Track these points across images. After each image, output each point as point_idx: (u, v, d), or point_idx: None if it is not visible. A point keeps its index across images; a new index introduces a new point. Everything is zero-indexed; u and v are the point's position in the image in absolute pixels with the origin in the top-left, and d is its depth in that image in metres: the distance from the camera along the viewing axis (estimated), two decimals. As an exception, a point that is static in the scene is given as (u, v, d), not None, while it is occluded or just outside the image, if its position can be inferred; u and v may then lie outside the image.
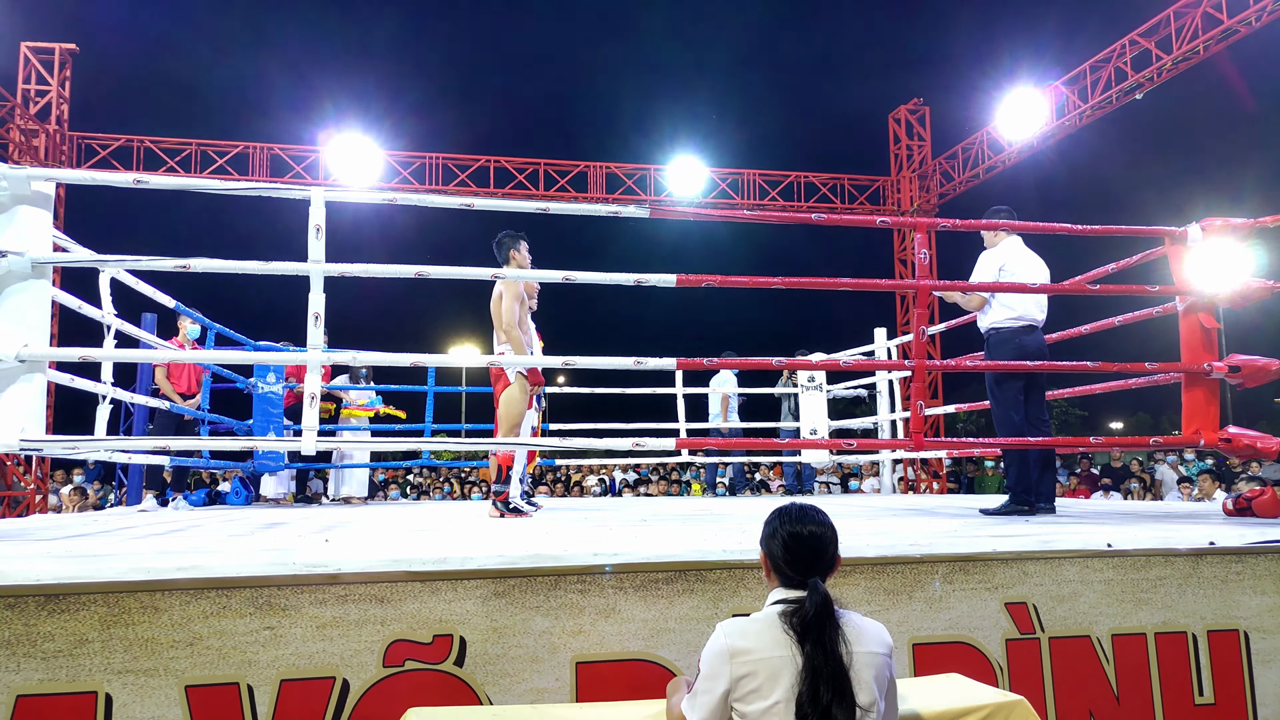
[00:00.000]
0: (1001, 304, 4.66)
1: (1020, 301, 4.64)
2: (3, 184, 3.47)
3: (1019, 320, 4.64)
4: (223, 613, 2.21)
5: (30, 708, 2.07)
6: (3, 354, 3.30)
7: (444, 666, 2.31)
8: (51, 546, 3.01)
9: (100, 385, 4.61)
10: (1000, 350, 4.66)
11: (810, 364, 4.55)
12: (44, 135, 11.96)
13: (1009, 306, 4.65)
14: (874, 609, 2.58)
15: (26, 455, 8.10)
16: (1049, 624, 2.72)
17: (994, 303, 4.70)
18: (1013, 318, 4.64)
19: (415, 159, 13.48)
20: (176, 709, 2.14)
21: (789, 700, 1.75)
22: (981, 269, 4.72)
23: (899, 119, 15.01)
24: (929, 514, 4.78)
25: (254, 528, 4.10)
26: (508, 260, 5.06)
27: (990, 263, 4.69)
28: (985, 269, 4.70)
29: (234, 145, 13.03)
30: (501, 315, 4.94)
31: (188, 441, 3.71)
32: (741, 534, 2.95)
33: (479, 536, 3.34)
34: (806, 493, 9.30)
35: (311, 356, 3.57)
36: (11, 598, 2.11)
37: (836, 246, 23.33)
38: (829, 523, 1.97)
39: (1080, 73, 11.79)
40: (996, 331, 4.70)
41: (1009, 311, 4.65)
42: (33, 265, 3.44)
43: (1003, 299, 4.65)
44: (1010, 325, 4.65)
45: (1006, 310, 4.65)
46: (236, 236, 25.67)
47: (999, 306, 4.68)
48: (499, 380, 5.06)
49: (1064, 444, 5.16)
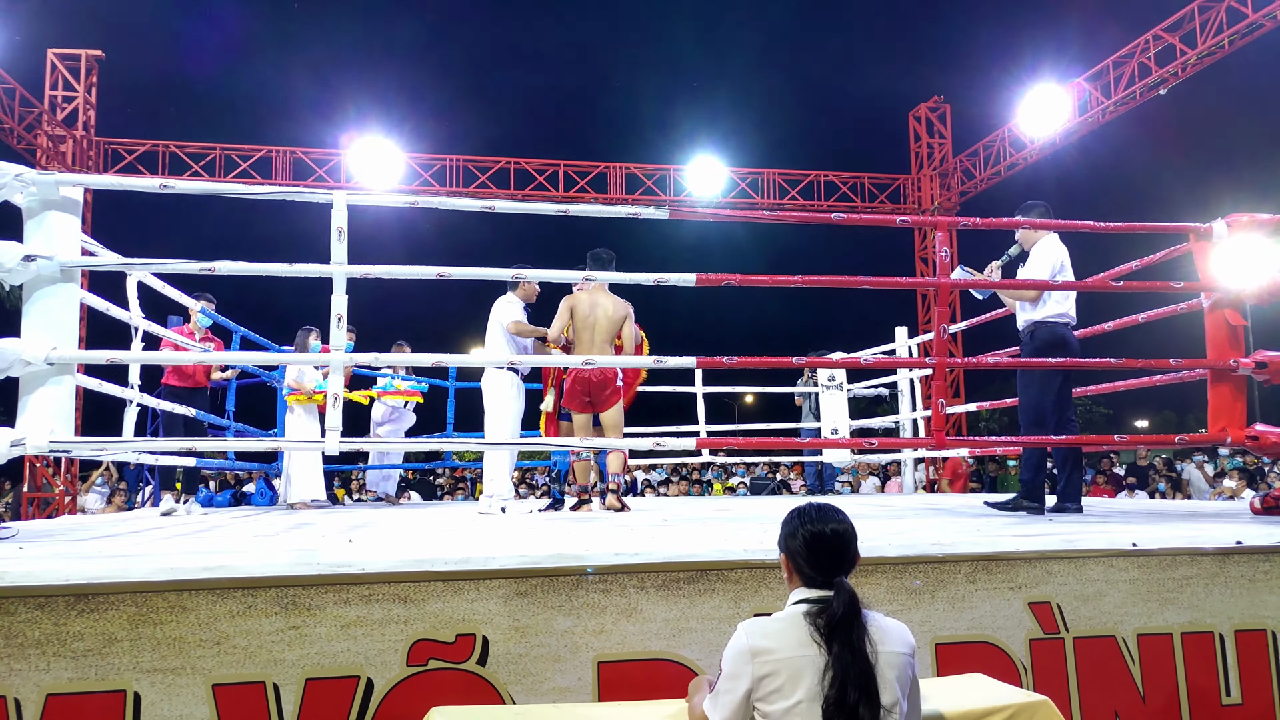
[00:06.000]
0: (1055, 299, 4.63)
1: (1068, 298, 4.62)
2: (32, 189, 3.52)
3: (1065, 317, 4.63)
4: (249, 612, 2.24)
5: (60, 706, 2.11)
6: (32, 356, 3.35)
7: (467, 666, 2.32)
8: (80, 547, 3.06)
9: (128, 390, 4.67)
10: (1049, 346, 4.60)
11: (831, 362, 4.55)
12: (71, 141, 12.13)
13: (1059, 302, 4.63)
14: (896, 608, 2.57)
15: (55, 457, 8.21)
16: (1073, 624, 2.70)
17: (1048, 297, 4.64)
18: (1062, 313, 4.63)
19: (436, 161, 13.56)
20: (204, 707, 2.17)
21: (812, 700, 1.75)
22: (1040, 262, 4.64)
23: (919, 117, 14.93)
24: (951, 513, 4.75)
25: (279, 528, 4.14)
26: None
27: (1049, 256, 4.63)
28: (1044, 263, 4.62)
29: (257, 149, 13.16)
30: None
31: (215, 443, 3.76)
32: (763, 534, 2.95)
33: (501, 536, 3.36)
34: (828, 493, 9.26)
35: (334, 357, 3.60)
36: (42, 597, 2.15)
37: (856, 246, 23.30)
38: (849, 521, 1.97)
39: (1103, 68, 11.67)
40: (1048, 327, 4.64)
41: (1059, 307, 4.63)
42: (61, 269, 3.49)
43: (1056, 294, 4.61)
44: (1060, 321, 4.63)
45: (1057, 306, 4.63)
46: (259, 239, 25.96)
47: (1051, 302, 4.64)
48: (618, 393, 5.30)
49: (1088, 442, 5.10)
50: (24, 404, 3.40)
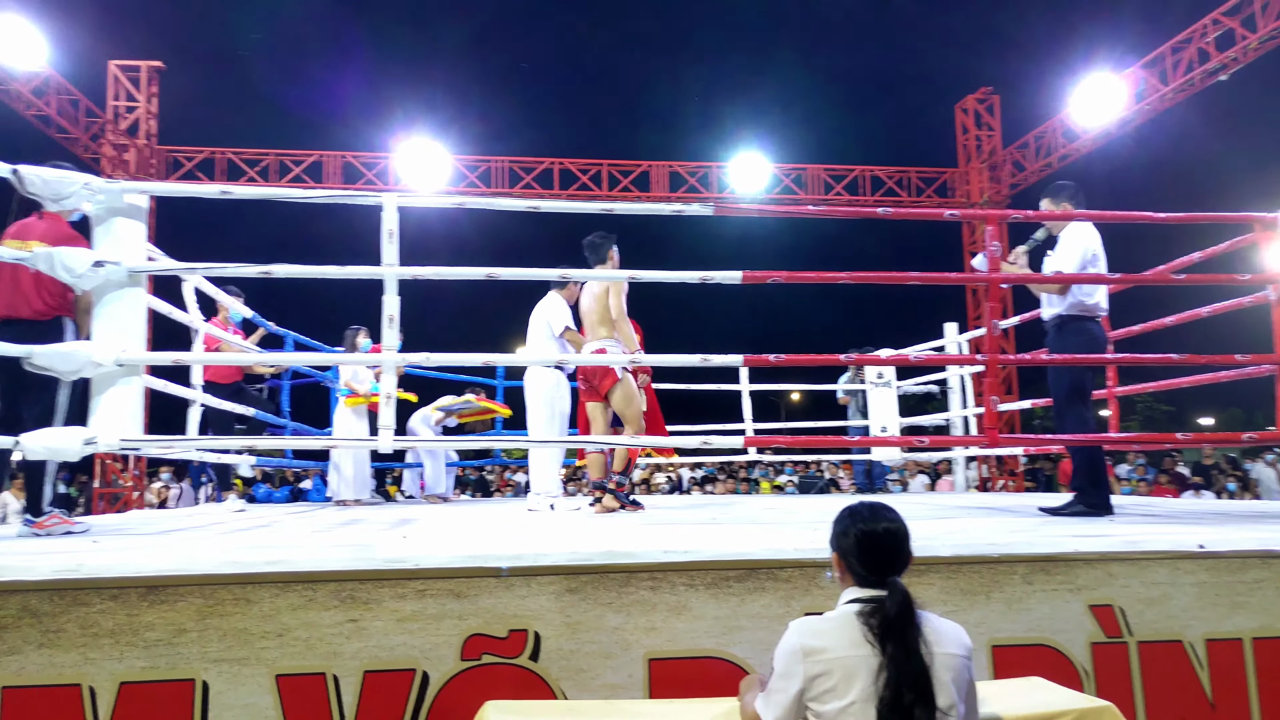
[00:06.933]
0: (1083, 290, 4.47)
1: (1098, 288, 4.45)
2: (100, 197, 3.64)
3: (1094, 309, 4.46)
4: (309, 605, 2.29)
5: (134, 694, 2.18)
6: (103, 358, 3.47)
7: (519, 661, 2.35)
8: (149, 540, 3.16)
9: (191, 390, 4.81)
10: (1073, 339, 4.43)
11: (879, 359, 4.50)
12: (134, 150, 12.50)
13: (1088, 294, 4.46)
14: (950, 609, 2.54)
15: (124, 454, 8.47)
16: (1137, 628, 2.64)
17: (1076, 288, 4.48)
18: (1090, 305, 4.45)
19: (481, 163, 13.69)
20: (268, 697, 2.23)
21: (866, 700, 1.73)
22: (1070, 251, 4.43)
23: (966, 109, 14.66)
24: (1005, 513, 4.66)
25: (333, 524, 4.23)
26: (605, 260, 5.15)
27: (1080, 245, 4.41)
28: (1074, 252, 4.41)
29: (309, 154, 13.42)
30: (609, 310, 5.08)
31: (275, 441, 3.85)
32: (813, 532, 2.93)
33: (552, 533, 3.39)
34: (878, 491, 9.17)
35: (386, 357, 3.66)
36: (115, 589, 2.23)
37: (903, 242, 22.88)
38: (901, 520, 1.95)
39: (1160, 55, 11.33)
40: (1074, 320, 4.48)
41: (1089, 299, 4.45)
42: (129, 274, 3.61)
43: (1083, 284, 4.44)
44: (1086, 313, 4.46)
45: (1087, 297, 4.46)
46: (307, 241, 26.47)
47: (1080, 292, 4.47)
48: (606, 379, 5.09)
49: (1149, 440, 4.99)
50: (95, 404, 3.53)
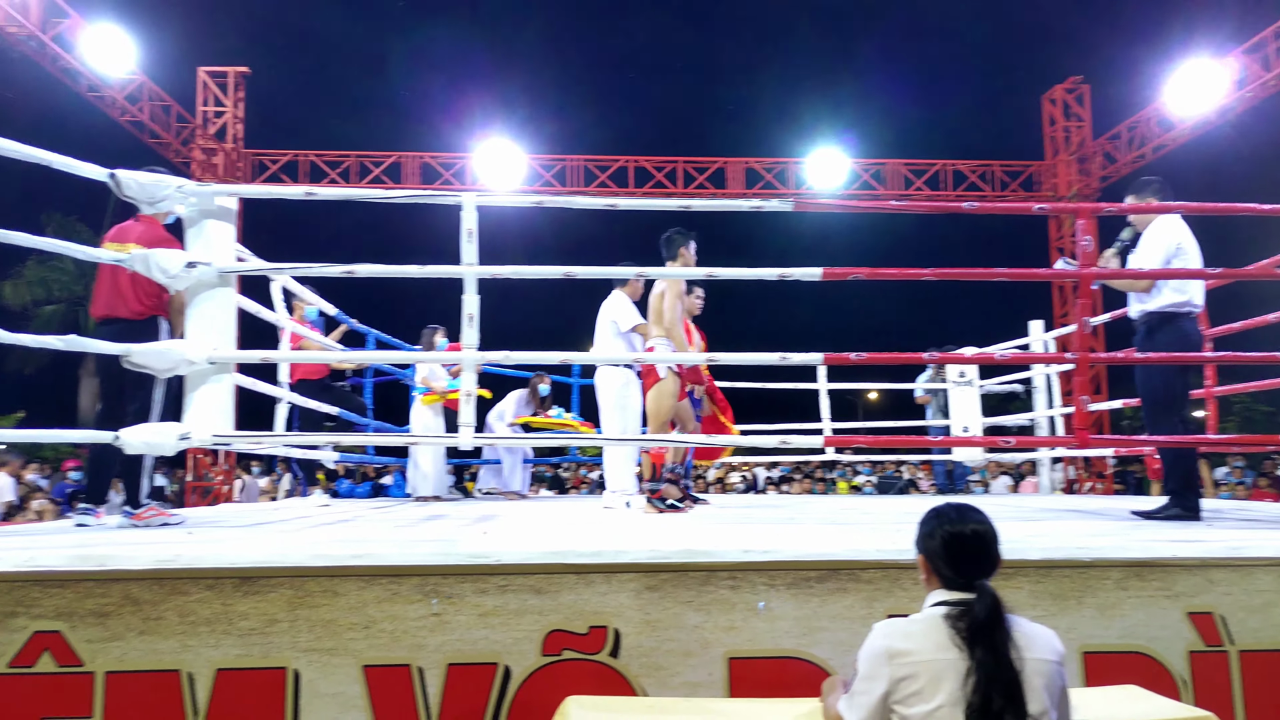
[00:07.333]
0: (1172, 286, 4.27)
1: (1191, 284, 4.25)
2: (192, 200, 3.79)
3: (1186, 305, 4.24)
4: (394, 598, 2.35)
5: (229, 680, 2.27)
6: (195, 356, 3.61)
7: (599, 657, 2.36)
8: (242, 533, 3.28)
9: (279, 389, 4.97)
10: (1166, 337, 4.24)
11: (964, 358, 4.39)
12: (222, 154, 13.01)
13: (1180, 290, 4.25)
14: (1039, 614, 2.46)
15: (215, 449, 8.80)
16: (1239, 636, 2.52)
17: (1163, 284, 4.28)
18: (1182, 301, 4.24)
19: (556, 162, 13.82)
20: (356, 686, 2.29)
21: (954, 705, 1.69)
22: (1155, 247, 4.25)
23: (1054, 99, 14.16)
24: (1095, 515, 4.50)
25: (415, 519, 4.32)
26: (675, 257, 5.09)
27: (1164, 240, 4.23)
28: (1159, 247, 4.23)
29: (388, 155, 13.75)
30: (663, 312, 5.01)
31: (358, 438, 3.95)
32: (896, 533, 2.87)
33: (631, 531, 3.40)
34: (959, 492, 8.95)
35: (466, 356, 3.72)
36: (211, 579, 2.32)
37: (984, 239, 22.18)
38: (990, 522, 1.90)
39: (1262, 40, 10.76)
40: (1165, 317, 4.28)
41: (1180, 295, 4.23)
42: (219, 274, 3.75)
43: (1172, 280, 4.25)
44: (1179, 310, 4.25)
45: (1177, 294, 4.24)
46: (383, 241, 27.09)
47: (1168, 289, 4.28)
48: (648, 376, 5.09)
49: (1251, 442, 4.74)
50: (189, 400, 3.68)
